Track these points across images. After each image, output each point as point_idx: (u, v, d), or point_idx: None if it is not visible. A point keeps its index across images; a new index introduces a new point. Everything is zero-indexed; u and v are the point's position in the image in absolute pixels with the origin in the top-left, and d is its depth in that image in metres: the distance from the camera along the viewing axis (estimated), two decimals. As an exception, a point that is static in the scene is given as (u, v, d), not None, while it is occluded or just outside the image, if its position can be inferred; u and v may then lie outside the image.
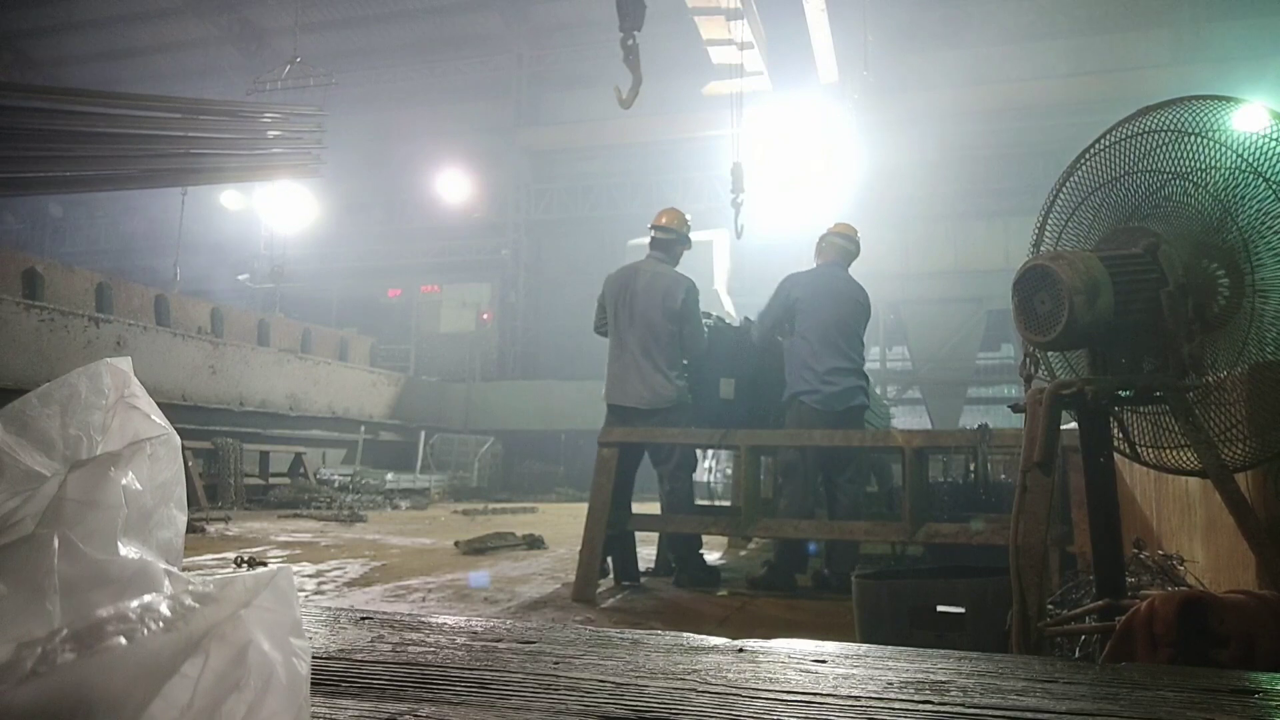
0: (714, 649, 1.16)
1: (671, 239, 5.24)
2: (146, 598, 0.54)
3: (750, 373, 5.43)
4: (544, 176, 21.10)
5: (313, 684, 0.66)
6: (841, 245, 5.25)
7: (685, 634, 1.26)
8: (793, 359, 5.00)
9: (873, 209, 16.11)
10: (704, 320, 5.24)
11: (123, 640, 0.50)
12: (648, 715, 0.84)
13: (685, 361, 5.09)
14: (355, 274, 22.18)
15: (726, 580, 5.07)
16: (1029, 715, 0.85)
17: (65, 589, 0.55)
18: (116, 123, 7.75)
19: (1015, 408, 2.29)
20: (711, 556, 5.55)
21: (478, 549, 6.36)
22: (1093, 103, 14.53)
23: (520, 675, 0.99)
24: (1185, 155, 2.07)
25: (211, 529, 7.77)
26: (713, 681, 0.97)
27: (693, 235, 5.51)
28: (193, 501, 8.63)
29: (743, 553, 6.66)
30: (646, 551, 5.40)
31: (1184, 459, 2.15)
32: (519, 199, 20.79)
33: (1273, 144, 1.93)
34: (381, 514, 10.50)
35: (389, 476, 13.53)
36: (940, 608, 2.59)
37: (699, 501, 5.94)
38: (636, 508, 4.98)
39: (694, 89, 15.29)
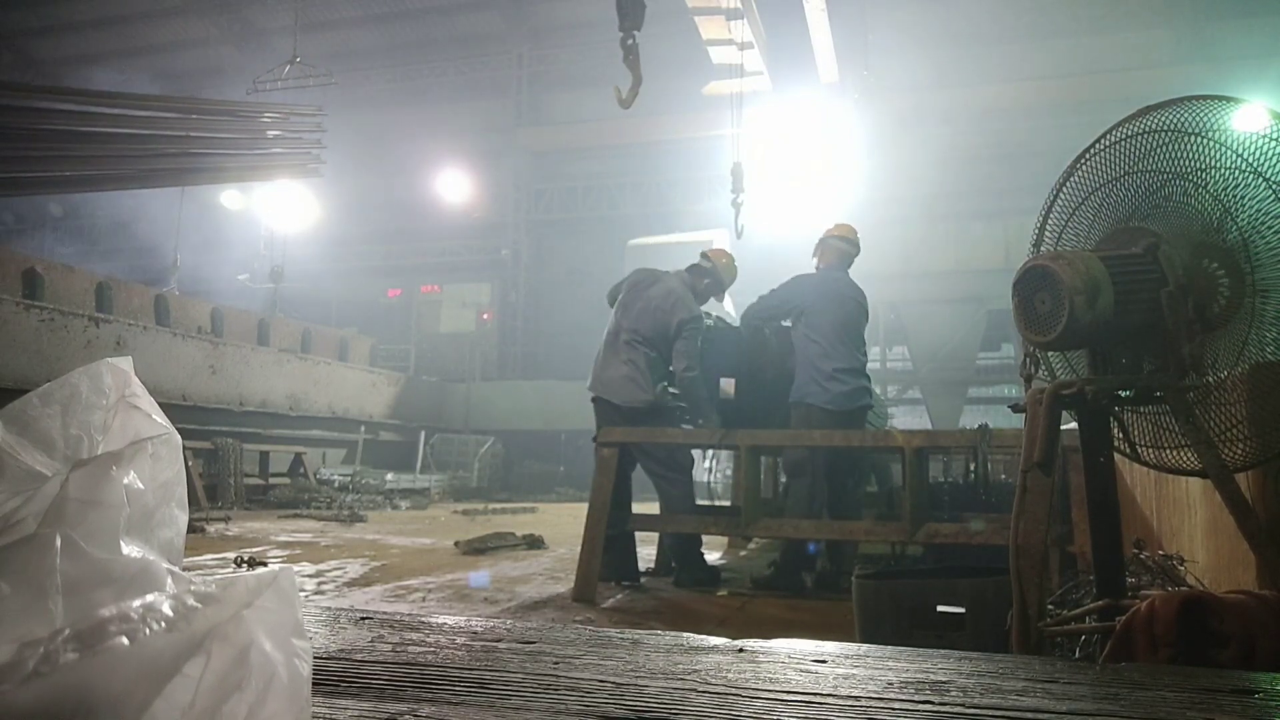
0: (714, 649, 1.16)
1: (706, 268, 5.35)
2: (149, 597, 0.54)
3: (750, 373, 5.44)
4: (544, 176, 21.10)
5: (313, 684, 0.66)
6: (842, 249, 5.29)
7: (685, 634, 1.26)
8: (802, 360, 5.01)
9: (873, 209, 16.08)
10: (704, 320, 5.25)
11: (125, 640, 0.50)
12: (648, 715, 0.84)
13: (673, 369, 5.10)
14: (355, 274, 22.17)
15: (727, 580, 5.07)
16: (1029, 715, 0.86)
17: (67, 588, 0.55)
18: (116, 122, 7.75)
19: (1015, 408, 2.29)
20: (711, 556, 5.55)
21: (478, 549, 6.36)
22: (1093, 103, 14.52)
23: (520, 675, 0.99)
24: (1185, 155, 2.07)
25: (211, 529, 7.77)
26: (713, 681, 0.97)
27: (693, 235, 5.59)
28: (193, 501, 8.59)
29: (743, 553, 6.66)
30: (646, 551, 5.40)
31: (1184, 459, 2.14)
32: (519, 199, 20.78)
33: (1273, 144, 1.93)
34: (381, 514, 10.49)
35: (389, 476, 13.53)
36: (940, 608, 2.59)
37: (700, 501, 5.94)
38: (637, 508, 5.00)
39: (694, 89, 15.27)
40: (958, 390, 17.44)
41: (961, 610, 2.56)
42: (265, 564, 5.32)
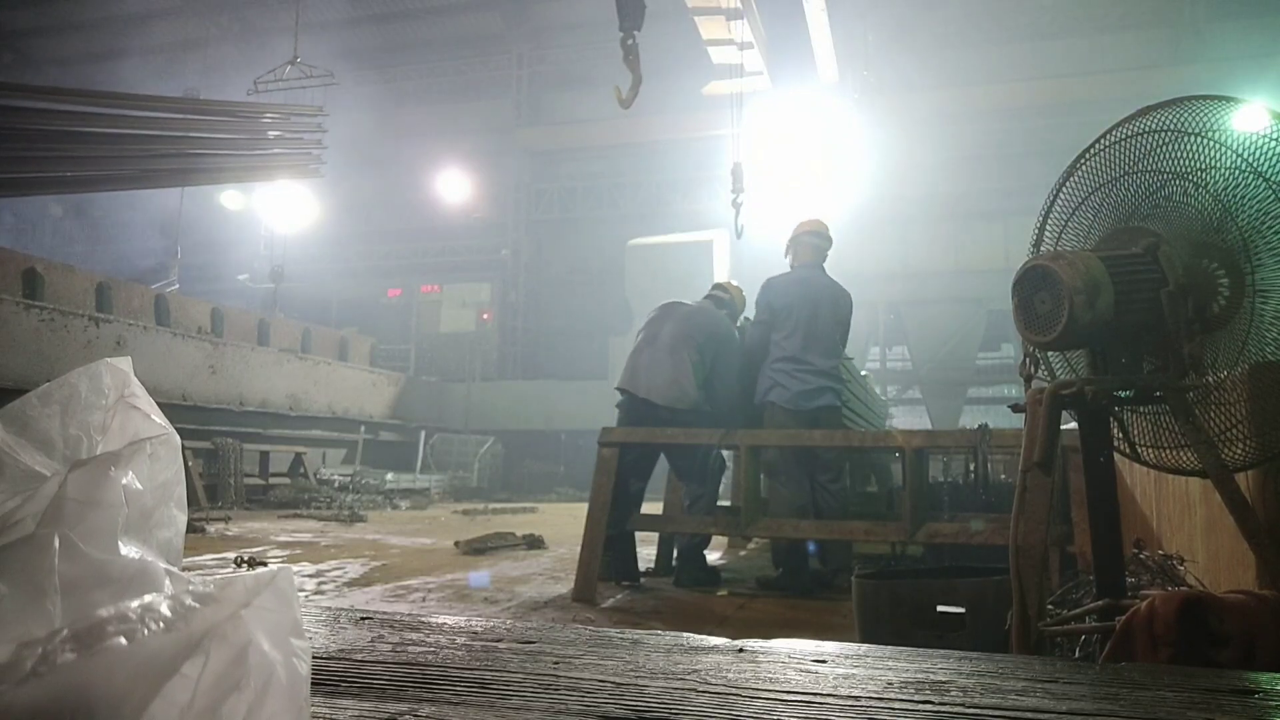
0: (714, 649, 1.16)
1: (724, 299, 5.50)
2: (147, 598, 0.54)
3: (750, 374, 5.44)
4: (544, 176, 21.10)
5: (313, 684, 0.66)
6: (816, 244, 5.25)
7: (685, 634, 1.26)
8: (768, 359, 5.02)
9: (873, 209, 16.10)
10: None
11: (123, 640, 0.50)
12: (648, 715, 0.84)
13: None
14: (355, 274, 22.18)
15: (727, 580, 5.07)
16: (1029, 715, 0.85)
17: (66, 589, 0.55)
18: (116, 123, 7.74)
19: (1015, 408, 2.29)
20: (711, 556, 5.55)
21: (478, 549, 6.36)
22: (1093, 103, 14.52)
23: (520, 675, 0.99)
24: (1185, 155, 2.07)
25: (211, 529, 7.77)
26: (713, 681, 0.97)
27: (693, 235, 5.66)
28: (193, 501, 8.64)
29: (742, 553, 6.67)
30: (646, 551, 5.40)
31: (1184, 459, 2.14)
32: (519, 199, 20.78)
33: (1273, 144, 1.92)
34: (381, 514, 10.50)
35: (389, 476, 13.53)
36: (940, 608, 2.59)
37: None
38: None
39: (694, 89, 15.28)
40: (958, 390, 17.44)
41: (961, 610, 2.55)
42: (265, 564, 5.32)
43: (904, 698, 0.91)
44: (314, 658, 0.87)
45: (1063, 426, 2.15)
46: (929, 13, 17.61)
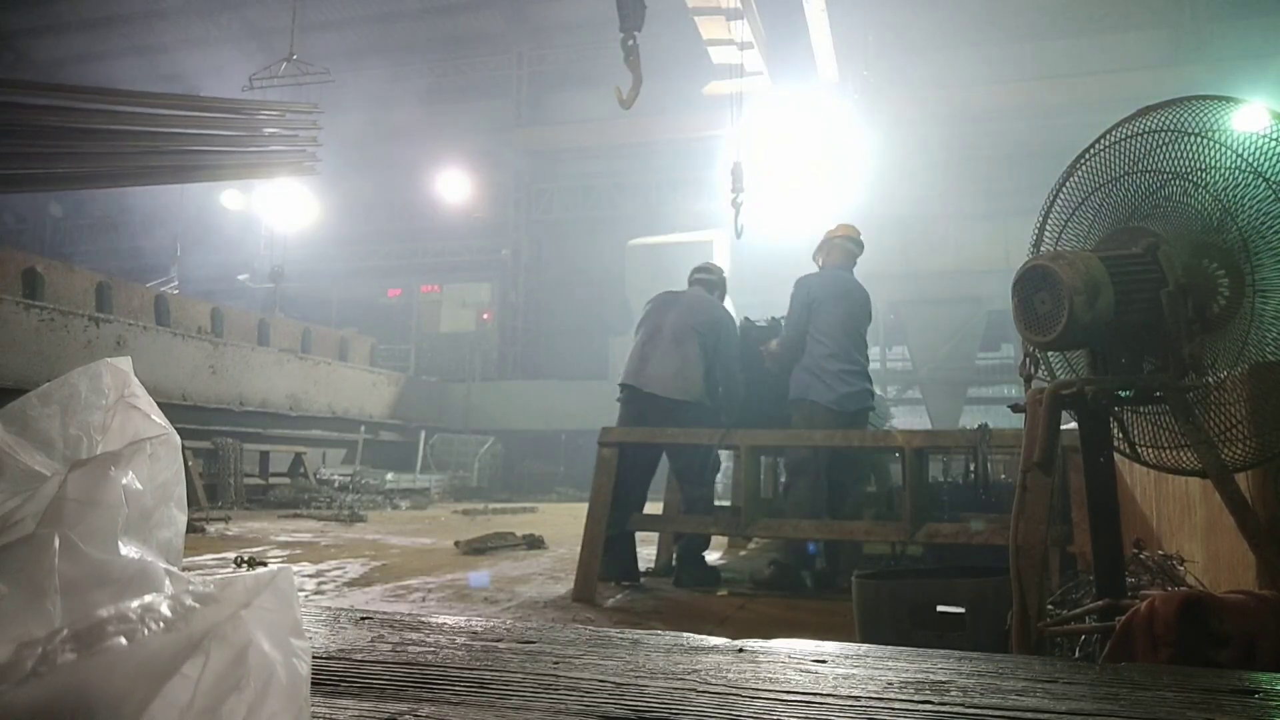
0: (714, 649, 1.16)
1: (714, 281, 5.50)
2: (147, 598, 0.54)
3: (750, 373, 5.44)
4: (544, 176, 21.10)
5: (313, 684, 0.66)
6: (848, 248, 5.28)
7: (685, 634, 1.26)
8: (806, 358, 4.98)
9: (873, 209, 16.09)
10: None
11: (123, 640, 0.50)
12: (648, 715, 0.84)
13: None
14: (355, 274, 22.17)
15: (727, 580, 5.07)
16: (1029, 715, 0.85)
17: (66, 589, 0.55)
18: (114, 120, 7.74)
19: (1015, 408, 2.29)
20: (711, 556, 5.55)
21: (478, 549, 6.36)
22: (1093, 103, 14.52)
23: (520, 675, 0.99)
24: (1185, 155, 2.07)
25: (211, 529, 7.77)
26: (713, 681, 0.97)
27: (693, 235, 5.66)
28: (193, 501, 8.63)
29: (742, 553, 6.66)
30: (646, 551, 5.40)
31: (1184, 459, 2.14)
32: (519, 199, 20.78)
33: (1273, 144, 1.92)
34: (381, 514, 10.50)
35: (389, 476, 13.53)
36: (940, 608, 2.59)
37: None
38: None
39: (694, 89, 15.27)
40: (958, 390, 17.44)
41: (961, 610, 2.55)
42: (265, 564, 5.32)
43: (904, 698, 0.91)
44: (314, 658, 0.87)
45: (1063, 426, 2.15)
46: (929, 12, 17.60)
